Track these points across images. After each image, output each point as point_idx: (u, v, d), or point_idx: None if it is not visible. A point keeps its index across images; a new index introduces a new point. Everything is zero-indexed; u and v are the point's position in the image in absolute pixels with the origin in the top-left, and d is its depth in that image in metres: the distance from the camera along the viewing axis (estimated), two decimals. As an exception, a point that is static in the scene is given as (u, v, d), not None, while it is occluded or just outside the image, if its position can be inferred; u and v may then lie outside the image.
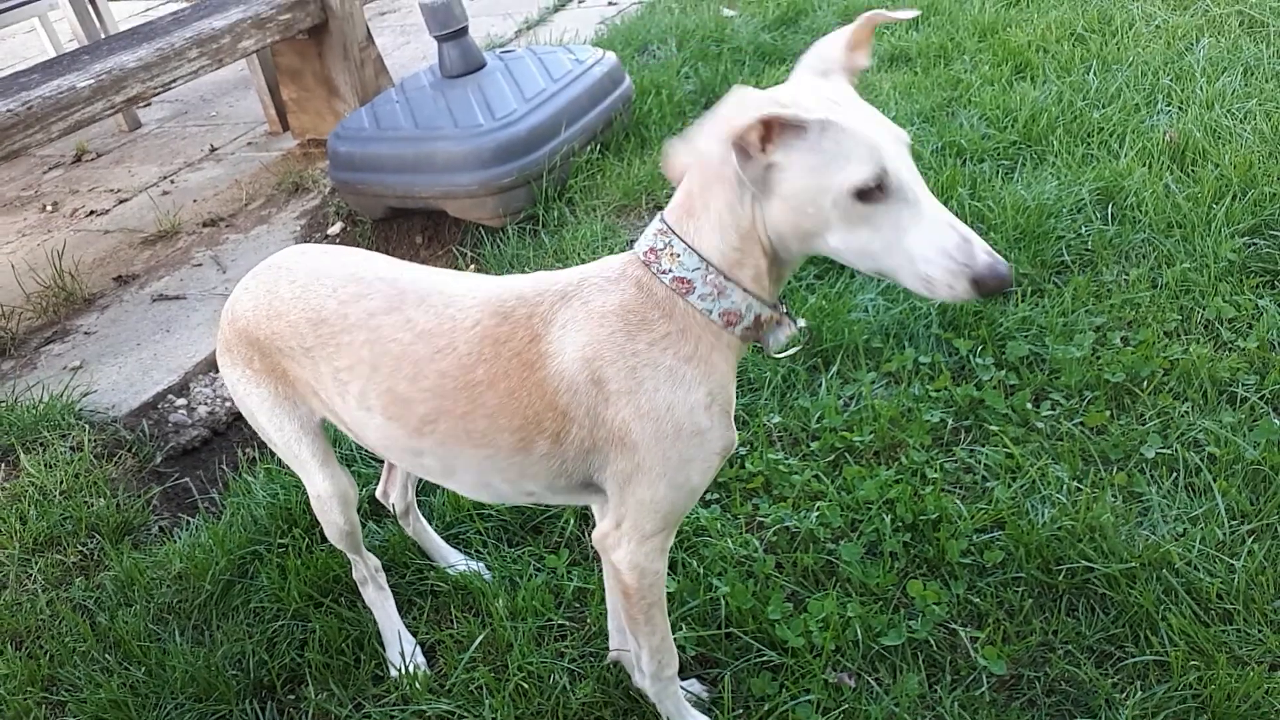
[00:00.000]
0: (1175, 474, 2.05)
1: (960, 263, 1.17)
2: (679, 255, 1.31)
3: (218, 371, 3.03)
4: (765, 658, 1.79)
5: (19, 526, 2.41)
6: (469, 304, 1.44)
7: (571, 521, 2.14)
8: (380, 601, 1.94)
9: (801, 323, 1.42)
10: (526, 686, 1.79)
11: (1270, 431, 2.06)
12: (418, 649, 1.92)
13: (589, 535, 2.08)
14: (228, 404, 2.89)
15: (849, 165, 1.18)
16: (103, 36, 4.92)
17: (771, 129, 1.19)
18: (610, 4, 5.75)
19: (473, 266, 3.36)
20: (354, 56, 4.31)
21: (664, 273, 1.32)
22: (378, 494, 2.08)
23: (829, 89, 1.26)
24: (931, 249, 1.18)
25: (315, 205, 3.99)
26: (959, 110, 3.58)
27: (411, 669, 1.87)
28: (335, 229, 3.77)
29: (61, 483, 2.53)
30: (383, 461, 2.08)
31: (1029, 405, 2.27)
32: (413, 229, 3.67)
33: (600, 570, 1.98)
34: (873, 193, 1.18)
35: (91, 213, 4.37)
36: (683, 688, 1.71)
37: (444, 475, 1.55)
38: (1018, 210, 2.87)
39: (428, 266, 1.57)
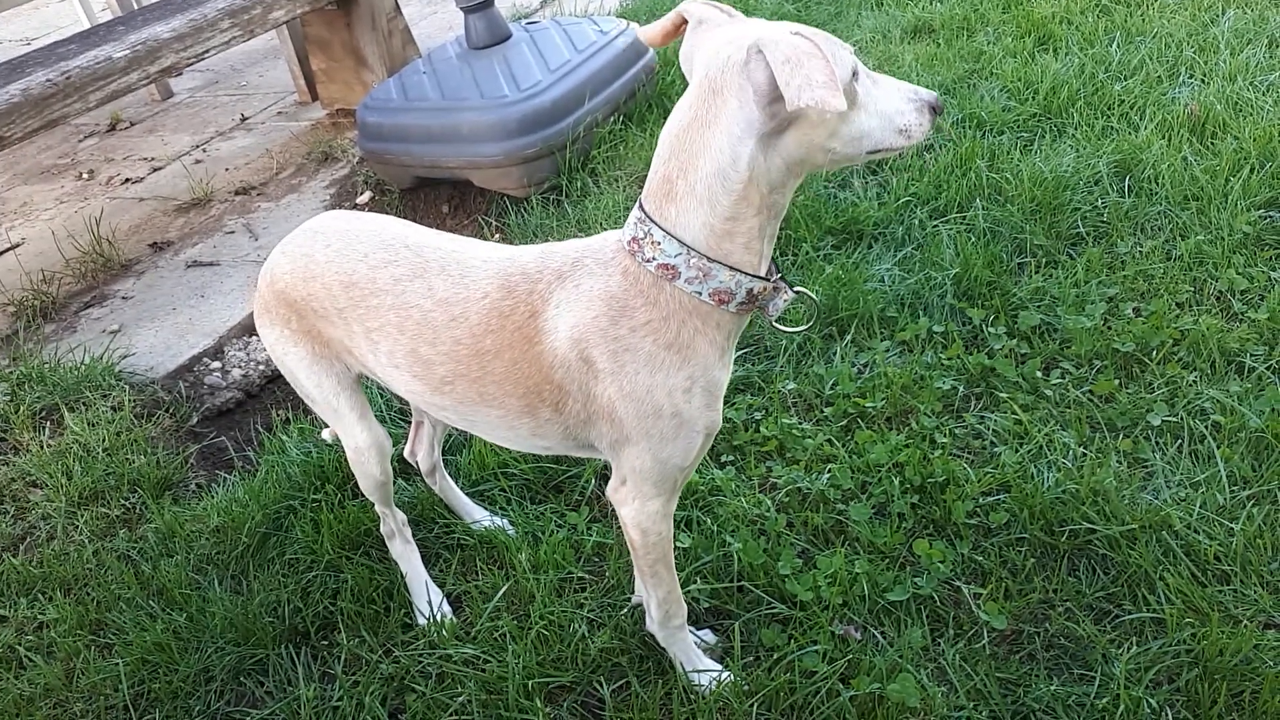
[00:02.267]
0: (1180, 441, 2.10)
1: (916, 101, 1.38)
2: (659, 243, 1.34)
3: (250, 336, 3.15)
4: (775, 610, 1.87)
5: (65, 481, 2.52)
6: (481, 275, 1.51)
7: (592, 481, 2.23)
8: (406, 554, 2.04)
9: (802, 290, 1.48)
10: (548, 634, 1.87)
11: (1276, 400, 2.11)
12: (444, 600, 2.02)
13: (607, 487, 2.16)
14: (260, 367, 2.99)
15: (839, 54, 1.28)
16: (136, 7, 5.01)
17: None
18: (635, -26, 5.76)
19: (497, 236, 3.43)
20: (382, 27, 4.37)
21: (648, 261, 1.36)
22: (405, 453, 2.17)
23: (743, 24, 1.34)
24: (898, 102, 1.37)
25: (344, 174, 4.07)
26: (980, 82, 3.59)
27: (438, 617, 1.96)
28: (364, 198, 3.85)
29: (104, 440, 2.64)
30: (410, 421, 2.17)
31: (1039, 374, 2.32)
32: (439, 198, 3.75)
33: (618, 526, 2.06)
34: (856, 73, 1.32)
35: (126, 180, 4.48)
36: (695, 635, 1.80)
37: (468, 427, 1.64)
38: (1035, 182, 2.90)
39: (452, 234, 1.65)
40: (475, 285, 1.50)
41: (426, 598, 2.00)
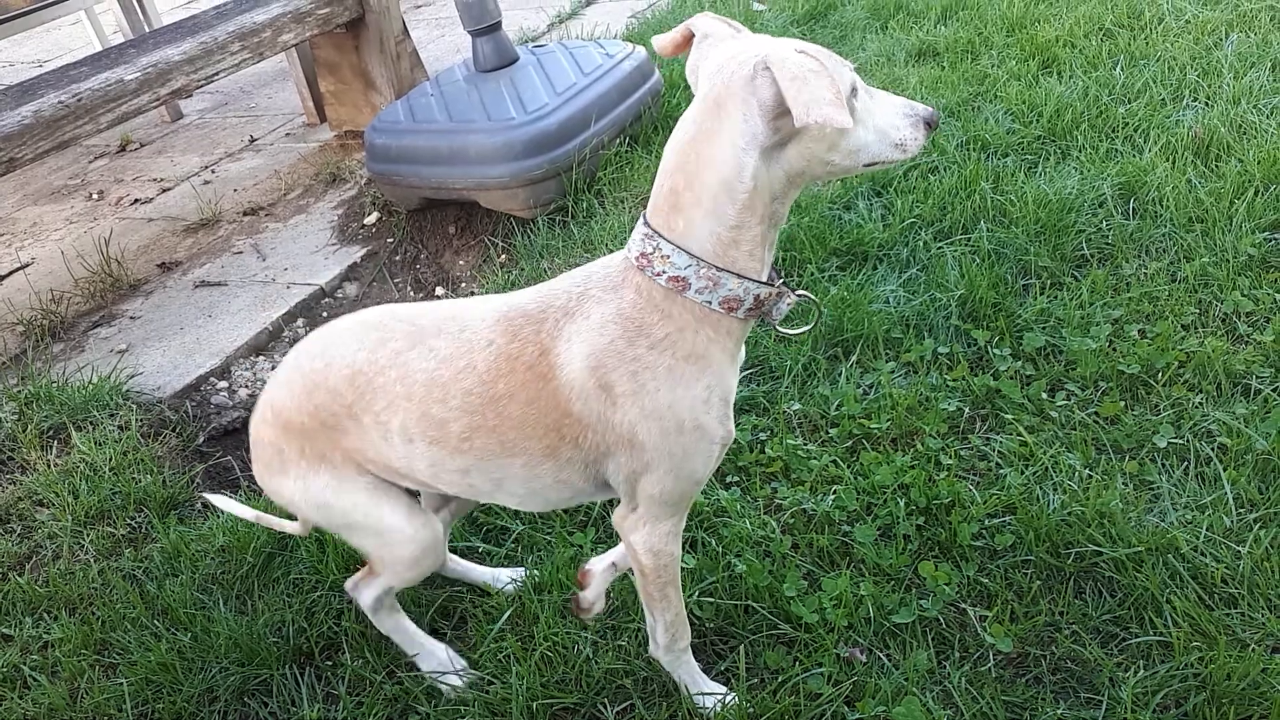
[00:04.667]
0: (1186, 463, 2.09)
1: (912, 116, 1.41)
2: (668, 256, 1.36)
3: (257, 356, 3.16)
4: (780, 632, 1.86)
5: (71, 500, 2.53)
6: (481, 326, 1.50)
7: (597, 503, 2.22)
8: (396, 625, 1.90)
9: (804, 294, 1.51)
10: (551, 656, 1.87)
11: (1282, 423, 2.10)
12: (453, 654, 1.91)
13: (613, 515, 2.16)
14: (267, 387, 3.00)
15: (841, 72, 1.32)
16: (147, 29, 5.06)
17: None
18: (641, -2, 5.81)
19: (504, 256, 3.45)
20: (390, 50, 4.41)
21: (659, 275, 1.37)
22: None
23: (748, 39, 1.37)
24: (894, 116, 1.41)
25: (352, 195, 4.10)
26: (984, 105, 3.61)
27: (453, 665, 1.88)
28: (371, 219, 3.88)
29: (110, 459, 2.65)
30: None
31: (1044, 395, 2.32)
32: (446, 220, 3.76)
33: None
34: (855, 89, 1.36)
35: (136, 201, 4.51)
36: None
37: (495, 489, 1.59)
38: (1039, 204, 2.91)
39: (437, 301, 1.62)
40: (478, 335, 1.50)
41: (437, 659, 1.89)
